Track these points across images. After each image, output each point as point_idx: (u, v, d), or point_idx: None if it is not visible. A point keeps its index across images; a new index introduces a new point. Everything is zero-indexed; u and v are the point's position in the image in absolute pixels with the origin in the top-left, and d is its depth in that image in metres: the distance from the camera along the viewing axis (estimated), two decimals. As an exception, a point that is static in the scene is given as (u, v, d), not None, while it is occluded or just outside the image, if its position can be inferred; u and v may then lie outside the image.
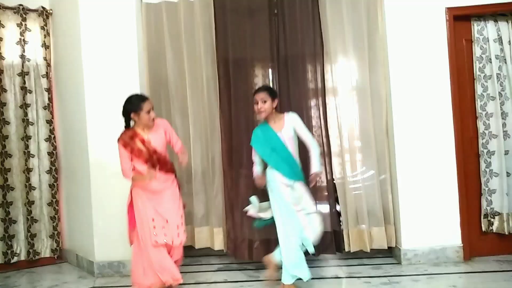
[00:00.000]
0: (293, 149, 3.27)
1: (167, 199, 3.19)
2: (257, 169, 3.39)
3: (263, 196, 3.37)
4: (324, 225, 3.34)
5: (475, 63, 3.77)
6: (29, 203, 4.28)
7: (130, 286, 3.49)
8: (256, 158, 3.40)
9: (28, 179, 4.29)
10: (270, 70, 4.02)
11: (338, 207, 4.23)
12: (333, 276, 3.53)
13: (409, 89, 3.73)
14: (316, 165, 3.25)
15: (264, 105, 3.25)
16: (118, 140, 3.16)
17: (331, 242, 3.76)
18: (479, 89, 3.76)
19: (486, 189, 3.74)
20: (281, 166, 3.22)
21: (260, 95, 3.27)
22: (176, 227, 3.15)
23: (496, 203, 3.73)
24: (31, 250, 4.26)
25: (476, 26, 3.76)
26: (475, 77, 3.77)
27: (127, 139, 3.14)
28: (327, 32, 3.85)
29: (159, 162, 3.16)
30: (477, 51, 3.77)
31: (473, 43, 3.78)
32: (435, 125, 3.72)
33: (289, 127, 3.28)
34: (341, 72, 3.90)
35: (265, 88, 3.37)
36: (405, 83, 3.73)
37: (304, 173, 3.30)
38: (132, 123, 3.22)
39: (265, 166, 3.36)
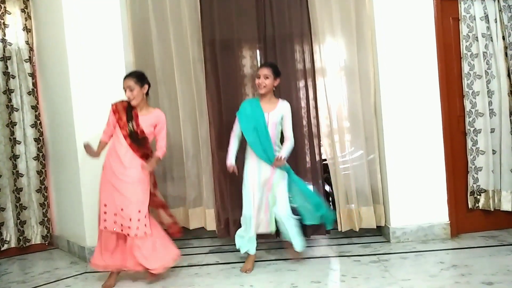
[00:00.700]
0: (273, 135, 3.31)
1: (128, 189, 3.07)
2: (232, 149, 3.40)
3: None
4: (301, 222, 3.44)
5: (462, 42, 3.77)
6: (17, 190, 4.24)
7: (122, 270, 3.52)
8: (236, 129, 3.41)
9: (15, 166, 4.24)
10: (257, 51, 3.97)
11: (327, 188, 4.27)
12: (323, 255, 3.58)
13: (397, 69, 3.73)
14: (283, 151, 3.29)
15: (265, 80, 3.26)
16: (112, 104, 3.21)
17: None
18: (465, 68, 3.78)
19: (473, 166, 3.80)
20: (257, 147, 3.28)
21: (264, 71, 3.28)
22: (129, 219, 3.02)
23: (482, 181, 3.80)
24: (21, 237, 4.24)
25: (463, 4, 3.75)
26: (462, 56, 3.78)
27: (120, 107, 3.18)
28: (315, 11, 3.81)
29: (139, 142, 3.14)
30: (464, 29, 3.77)
31: (460, 22, 3.78)
32: (422, 104, 3.74)
33: (278, 113, 3.30)
34: (329, 53, 3.88)
35: (270, 65, 3.37)
36: (392, 63, 3.73)
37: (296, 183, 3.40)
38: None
39: (241, 146, 3.42)
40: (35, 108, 4.33)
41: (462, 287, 2.73)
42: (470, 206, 3.83)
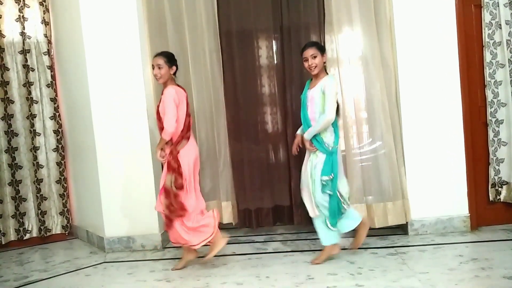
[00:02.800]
0: (312, 111, 3.19)
1: None
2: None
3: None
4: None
5: (484, 30, 3.66)
6: (38, 181, 4.33)
7: (140, 260, 3.58)
8: None
9: (35, 158, 4.32)
10: (273, 41, 3.95)
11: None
12: (340, 247, 3.56)
13: (416, 58, 3.65)
14: (307, 131, 3.17)
15: (314, 60, 3.15)
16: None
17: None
18: (488, 57, 3.67)
19: (494, 158, 3.71)
20: (303, 124, 3.25)
21: (309, 51, 3.16)
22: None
23: (504, 172, 3.70)
24: (42, 227, 4.33)
25: (486, -9, 3.64)
26: (483, 44, 3.67)
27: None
28: (331, 0, 3.74)
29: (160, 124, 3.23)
30: (486, 16, 3.65)
31: (482, 9, 3.66)
32: (442, 94, 3.65)
33: (319, 88, 3.16)
34: (347, 42, 3.80)
35: (313, 43, 3.26)
36: (411, 52, 3.65)
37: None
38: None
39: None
40: (54, 100, 4.39)
41: (482, 281, 2.68)
42: (491, 198, 3.74)
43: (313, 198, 3.15)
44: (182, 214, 3.18)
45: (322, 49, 3.22)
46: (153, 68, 3.26)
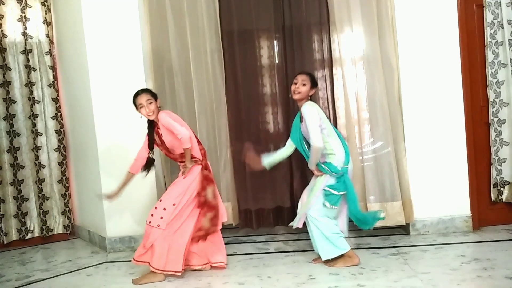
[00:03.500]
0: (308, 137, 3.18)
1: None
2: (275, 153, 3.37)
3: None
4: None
5: (486, 29, 3.66)
6: (40, 181, 4.33)
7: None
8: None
9: (37, 157, 4.32)
10: (275, 41, 3.94)
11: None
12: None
13: (417, 58, 3.65)
14: (309, 163, 3.16)
15: (302, 87, 3.13)
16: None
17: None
18: (490, 56, 3.66)
19: (496, 158, 3.70)
20: (306, 157, 3.23)
21: (302, 77, 3.16)
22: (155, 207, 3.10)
23: (506, 172, 3.70)
24: (44, 227, 4.34)
25: (488, -10, 3.63)
26: (485, 44, 3.67)
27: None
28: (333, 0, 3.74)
29: (172, 157, 3.23)
30: (488, 16, 3.65)
31: (484, 8, 3.66)
32: (444, 94, 3.65)
33: (304, 121, 3.15)
34: (348, 41, 3.79)
35: (309, 73, 3.25)
36: (413, 52, 3.65)
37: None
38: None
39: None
40: (55, 100, 4.40)
41: (484, 281, 2.67)
42: (493, 198, 3.74)
43: (307, 208, 3.12)
44: (220, 225, 3.24)
45: (314, 83, 3.20)
46: (141, 107, 3.05)
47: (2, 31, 4.21)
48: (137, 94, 3.11)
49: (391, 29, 3.72)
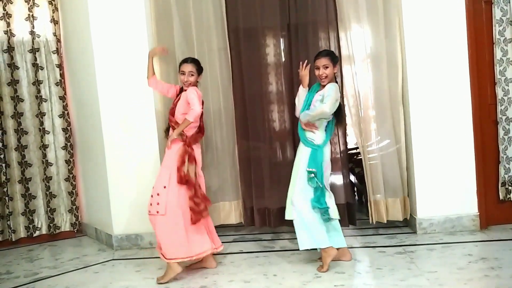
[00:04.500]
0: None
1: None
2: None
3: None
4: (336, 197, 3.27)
5: (495, 26, 3.62)
6: (47, 178, 4.37)
7: (148, 257, 3.59)
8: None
9: (44, 155, 4.36)
10: (281, 39, 3.93)
11: (352, 178, 4.21)
12: (347, 246, 3.54)
13: (425, 55, 3.62)
14: (304, 113, 3.08)
15: (326, 70, 3.06)
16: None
17: (343, 214, 3.71)
18: (498, 54, 3.63)
19: (504, 156, 3.67)
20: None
21: (322, 61, 3.07)
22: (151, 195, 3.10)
23: (514, 171, 3.67)
24: (51, 224, 4.37)
25: (496, -13, 3.60)
26: (494, 41, 3.63)
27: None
28: (340, -2, 3.73)
29: (170, 121, 3.21)
30: (497, 13, 3.61)
31: (492, 5, 3.62)
32: (451, 91, 3.62)
33: (322, 92, 3.10)
34: (355, 40, 3.77)
35: (327, 53, 3.14)
36: (420, 49, 3.62)
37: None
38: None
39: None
40: (62, 98, 4.42)
41: (491, 281, 2.65)
42: (501, 197, 3.70)
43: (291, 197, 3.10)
44: (208, 204, 3.19)
45: (335, 60, 3.12)
46: (182, 74, 3.15)
47: (10, 30, 4.24)
48: (184, 61, 3.20)
49: (398, 26, 3.70)
